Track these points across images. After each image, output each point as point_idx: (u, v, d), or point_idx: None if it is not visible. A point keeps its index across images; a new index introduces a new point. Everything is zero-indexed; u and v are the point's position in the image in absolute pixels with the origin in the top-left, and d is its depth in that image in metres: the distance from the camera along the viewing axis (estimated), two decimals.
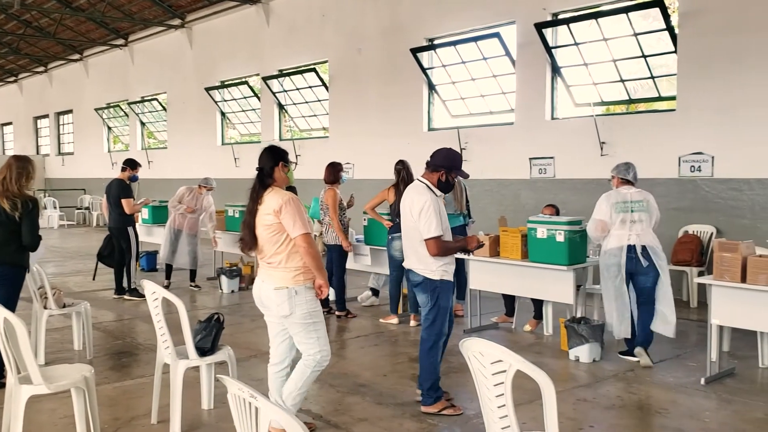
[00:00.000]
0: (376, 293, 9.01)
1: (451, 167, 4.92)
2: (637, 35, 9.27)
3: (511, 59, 10.95)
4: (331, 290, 7.91)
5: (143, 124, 21.33)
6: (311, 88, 14.69)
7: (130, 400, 5.31)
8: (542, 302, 7.33)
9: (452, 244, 4.92)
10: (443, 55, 11.87)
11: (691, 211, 9.03)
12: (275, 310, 4.26)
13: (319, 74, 14.25)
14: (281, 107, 15.88)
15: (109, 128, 23.07)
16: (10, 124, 30.52)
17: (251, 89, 16.46)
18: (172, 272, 10.30)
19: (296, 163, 12.80)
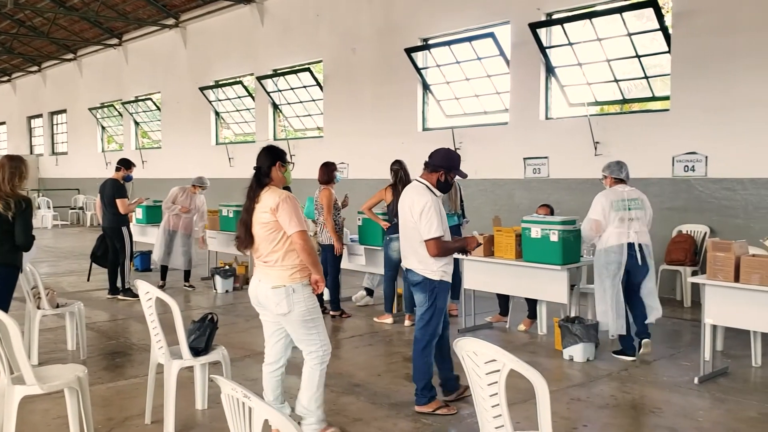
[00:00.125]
0: (370, 293, 9.01)
1: (450, 167, 4.93)
2: (630, 35, 9.29)
3: (505, 59, 10.97)
4: (325, 290, 7.90)
5: (137, 123, 21.28)
6: (306, 87, 14.68)
7: (123, 400, 5.30)
8: (536, 302, 7.35)
9: (452, 244, 4.94)
10: (438, 55, 11.88)
11: (684, 210, 9.05)
12: (273, 308, 4.26)
13: (313, 74, 14.24)
14: (275, 107, 15.87)
15: (103, 128, 23.01)
16: (3, 123, 30.37)
17: (245, 89, 16.44)
18: (167, 273, 10.29)
19: (293, 163, 12.91)
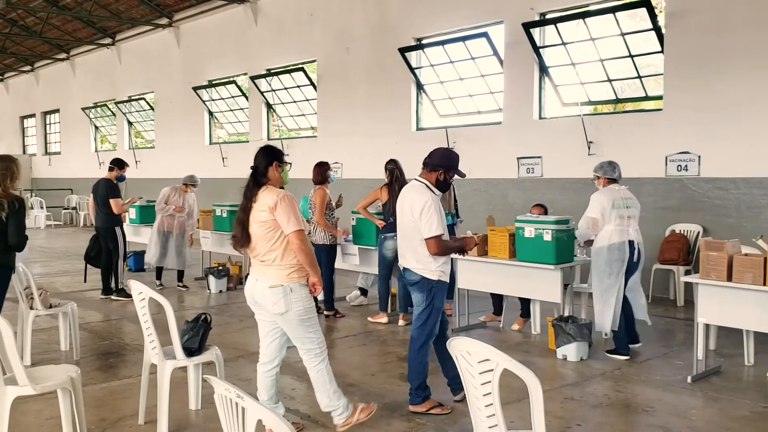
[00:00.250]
0: (364, 293, 9.01)
1: (449, 166, 4.95)
2: (624, 35, 9.30)
3: (499, 59, 10.98)
4: None
5: (130, 123, 21.22)
6: (299, 87, 14.66)
7: (117, 400, 5.29)
8: (529, 300, 7.36)
9: (452, 243, 4.98)
10: (431, 54, 11.88)
11: (677, 210, 9.07)
12: (270, 308, 4.28)
13: (307, 74, 14.23)
14: (269, 107, 15.85)
15: (96, 128, 22.95)
16: None
17: (239, 88, 16.41)
18: (162, 273, 10.28)
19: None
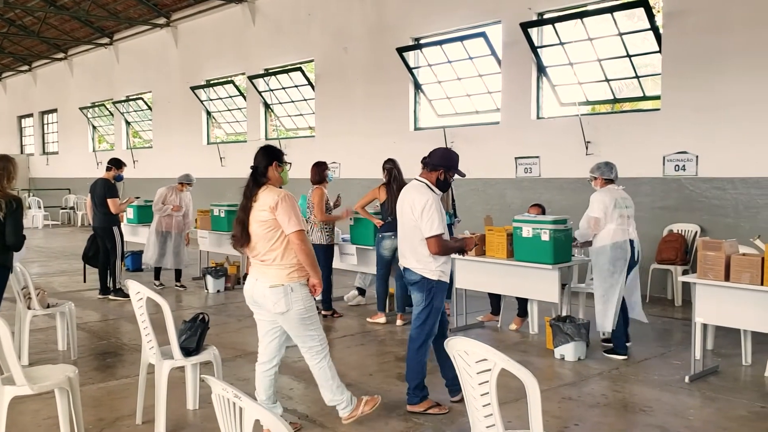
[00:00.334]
0: (362, 293, 9.00)
1: (449, 166, 4.98)
2: (621, 35, 9.31)
3: (496, 59, 10.98)
4: None
5: (128, 123, 21.19)
6: (297, 87, 14.66)
7: (114, 400, 5.29)
8: (527, 299, 7.35)
9: (452, 243, 4.99)
10: (429, 54, 11.88)
11: (675, 210, 9.08)
12: (271, 307, 4.30)
13: (305, 73, 14.23)
14: (267, 106, 15.84)
15: (94, 127, 22.91)
16: None
17: (237, 88, 16.39)
18: (161, 273, 10.27)
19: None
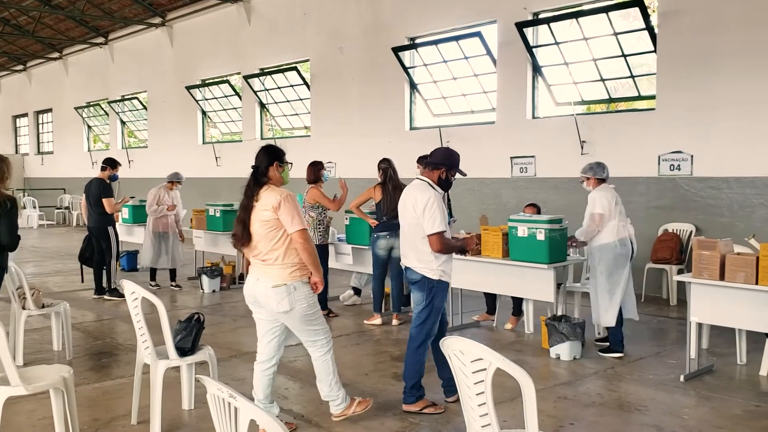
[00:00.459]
0: (358, 292, 9.00)
1: (450, 165, 5.01)
2: (617, 35, 9.33)
3: (492, 58, 10.99)
4: None
5: (123, 123, 21.15)
6: (293, 86, 14.65)
7: (109, 400, 5.28)
8: (522, 298, 7.36)
9: (454, 242, 4.98)
10: (425, 54, 11.88)
11: (670, 209, 9.10)
12: (274, 307, 4.31)
13: (300, 73, 14.21)
14: (263, 106, 15.82)
15: (89, 127, 22.86)
16: None
17: (232, 88, 16.37)
18: (156, 274, 10.25)
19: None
